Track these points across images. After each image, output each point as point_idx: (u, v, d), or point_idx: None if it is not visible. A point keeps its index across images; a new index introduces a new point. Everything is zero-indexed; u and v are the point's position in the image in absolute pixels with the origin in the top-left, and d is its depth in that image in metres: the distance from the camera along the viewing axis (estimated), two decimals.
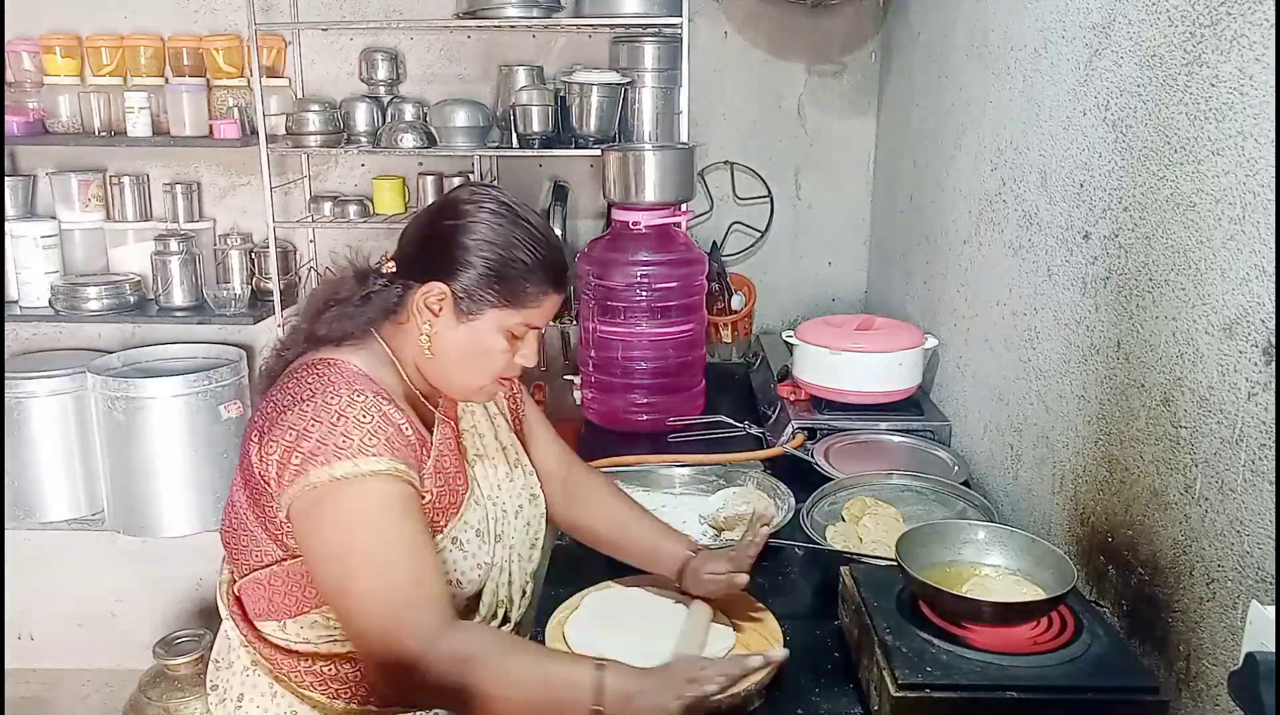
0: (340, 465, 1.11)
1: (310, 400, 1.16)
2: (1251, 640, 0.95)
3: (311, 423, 1.14)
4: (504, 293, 1.24)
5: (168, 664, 2.51)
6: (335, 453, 1.12)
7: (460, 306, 1.24)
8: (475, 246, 1.23)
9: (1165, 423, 1.17)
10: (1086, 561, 1.36)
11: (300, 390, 1.19)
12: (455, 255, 1.23)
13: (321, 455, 1.12)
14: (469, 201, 1.26)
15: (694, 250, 2.21)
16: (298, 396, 1.18)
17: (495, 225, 1.24)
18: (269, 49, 2.72)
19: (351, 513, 1.12)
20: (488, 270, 1.23)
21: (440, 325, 1.25)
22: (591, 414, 2.24)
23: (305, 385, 1.19)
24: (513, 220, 1.25)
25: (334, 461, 1.11)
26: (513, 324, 1.26)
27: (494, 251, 1.23)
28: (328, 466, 1.11)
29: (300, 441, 1.13)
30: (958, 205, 1.96)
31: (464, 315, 1.24)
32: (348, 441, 1.13)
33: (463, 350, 1.26)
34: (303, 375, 1.21)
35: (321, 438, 1.13)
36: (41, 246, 2.69)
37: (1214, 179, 1.07)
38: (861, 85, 2.73)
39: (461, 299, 1.24)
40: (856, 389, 1.95)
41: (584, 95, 2.49)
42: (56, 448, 2.74)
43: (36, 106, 2.67)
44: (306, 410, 1.15)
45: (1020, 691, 1.06)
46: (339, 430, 1.13)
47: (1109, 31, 1.32)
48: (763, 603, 1.37)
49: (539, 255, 1.25)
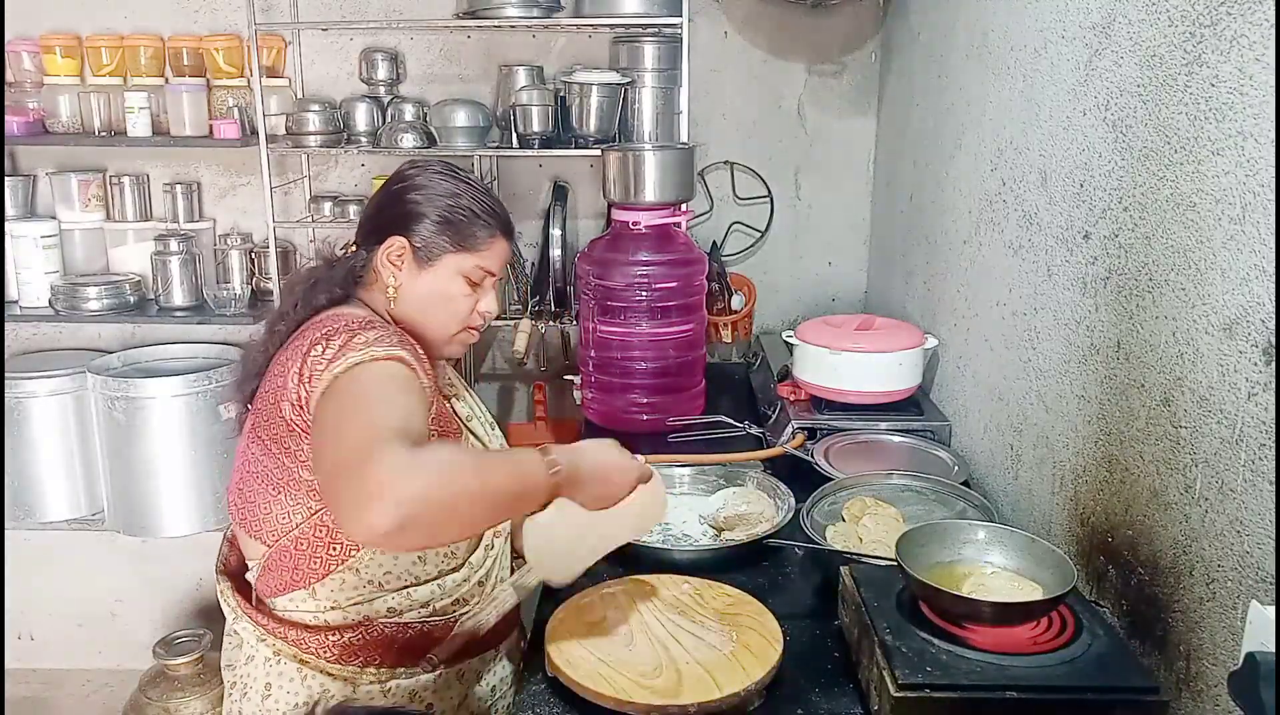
0: (358, 353, 1.20)
1: (334, 332, 1.25)
2: (1251, 640, 0.95)
3: (338, 337, 1.24)
4: (457, 238, 1.39)
5: (168, 664, 2.51)
6: (354, 347, 1.21)
7: (419, 256, 1.38)
8: (425, 199, 1.39)
9: (1165, 423, 1.17)
10: (1086, 561, 1.36)
11: (319, 330, 1.27)
12: (408, 210, 1.38)
13: (343, 354, 1.21)
14: (413, 167, 1.44)
15: (694, 250, 2.21)
16: (319, 335, 1.26)
17: (440, 182, 1.41)
18: (269, 49, 2.72)
19: (361, 383, 1.19)
20: (440, 218, 1.38)
21: (404, 276, 1.39)
22: (591, 414, 2.24)
23: (324, 326, 1.28)
24: (455, 177, 1.42)
25: (352, 353, 1.20)
26: (469, 268, 1.40)
27: (443, 202, 1.39)
28: (346, 358, 1.20)
29: (326, 352, 1.22)
30: (958, 205, 1.96)
31: (424, 263, 1.39)
32: (365, 340, 1.23)
33: (427, 297, 1.39)
34: (317, 324, 1.30)
35: (346, 344, 1.22)
36: (41, 246, 2.70)
37: (1214, 179, 1.07)
38: (861, 85, 2.73)
39: (419, 249, 1.38)
40: (856, 389, 1.95)
41: (584, 95, 2.49)
42: (56, 448, 2.74)
43: (36, 106, 2.67)
44: (333, 336, 1.25)
45: (1020, 691, 1.06)
46: (362, 335, 1.23)
47: (1109, 31, 1.32)
48: (763, 603, 1.36)
49: (484, 203, 1.42)
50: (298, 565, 1.30)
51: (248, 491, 1.33)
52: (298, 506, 1.29)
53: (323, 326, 1.29)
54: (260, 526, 1.32)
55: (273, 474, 1.29)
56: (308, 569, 1.30)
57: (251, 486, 1.32)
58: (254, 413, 1.33)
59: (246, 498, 1.33)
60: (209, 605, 3.12)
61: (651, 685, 1.18)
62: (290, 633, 1.30)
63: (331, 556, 1.29)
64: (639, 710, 1.15)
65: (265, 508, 1.31)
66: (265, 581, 1.33)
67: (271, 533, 1.31)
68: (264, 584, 1.34)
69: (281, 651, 1.30)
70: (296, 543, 1.29)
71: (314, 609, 1.31)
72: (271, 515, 1.30)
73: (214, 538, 2.83)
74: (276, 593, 1.32)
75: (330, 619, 1.31)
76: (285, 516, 1.30)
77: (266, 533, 1.31)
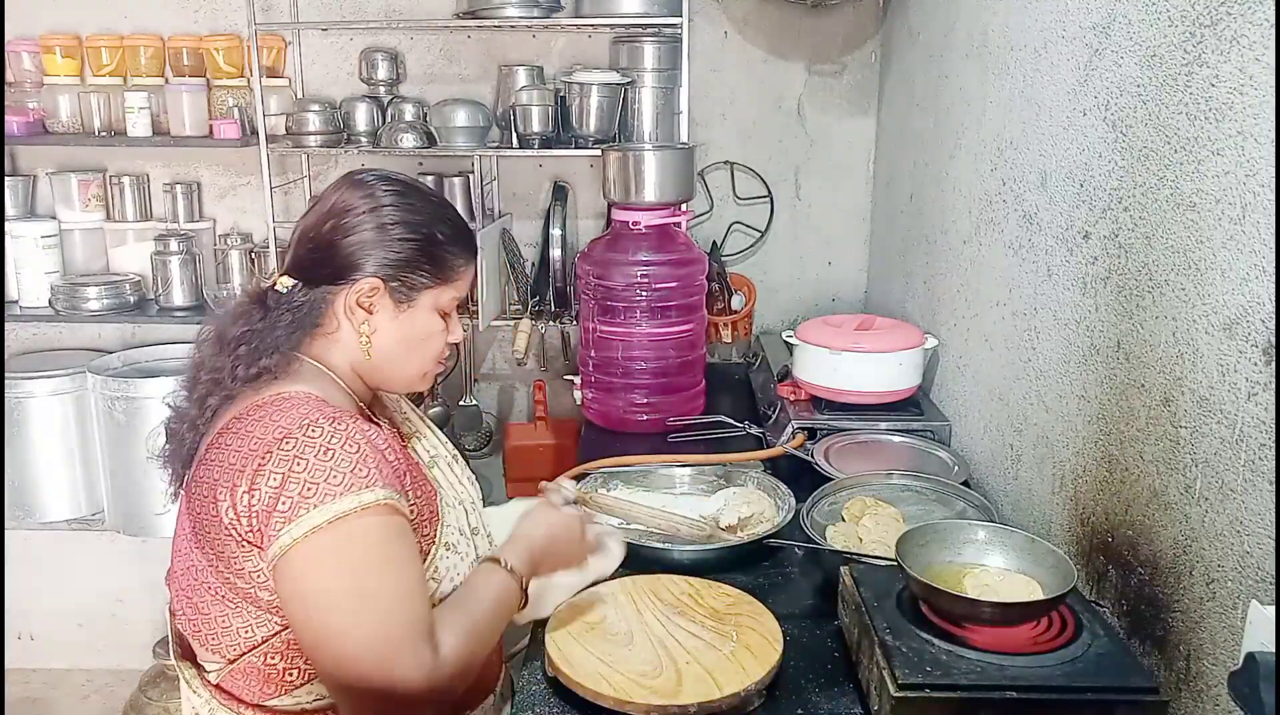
0: (341, 502, 1.05)
1: (288, 439, 1.08)
2: (1251, 640, 0.95)
3: (296, 462, 1.06)
4: (434, 270, 1.22)
5: (168, 664, 2.52)
6: (331, 491, 1.05)
7: (395, 296, 1.20)
8: (395, 230, 1.19)
9: (1165, 423, 1.17)
10: (1086, 561, 1.36)
11: (270, 432, 1.09)
12: (374, 243, 1.18)
13: (316, 496, 1.05)
14: (363, 189, 1.21)
15: (694, 250, 2.21)
16: (270, 439, 1.08)
17: (405, 206, 1.21)
18: (269, 49, 2.72)
19: (354, 553, 1.06)
20: (416, 252, 1.20)
21: (378, 321, 1.21)
22: (591, 414, 2.24)
23: (274, 425, 1.10)
24: (417, 197, 1.23)
25: (331, 500, 1.05)
26: (445, 301, 1.25)
27: (416, 231, 1.20)
28: (325, 506, 1.05)
29: (287, 485, 1.05)
30: (958, 205, 1.96)
31: (401, 304, 1.21)
32: (340, 476, 1.06)
33: (405, 340, 1.23)
34: (264, 417, 1.12)
35: (312, 477, 1.06)
36: (41, 246, 2.70)
37: (1214, 179, 1.07)
38: (861, 85, 2.73)
39: (395, 288, 1.20)
40: (856, 389, 1.95)
41: (584, 95, 2.49)
42: (56, 448, 2.74)
43: (36, 106, 2.67)
44: (289, 449, 1.07)
45: (1020, 691, 1.06)
46: (329, 465, 1.06)
47: (1109, 31, 1.32)
48: (763, 603, 1.36)
49: (453, 224, 1.25)
50: (269, 677, 1.16)
51: (199, 604, 1.16)
52: (259, 622, 1.14)
53: (267, 421, 1.11)
54: (218, 641, 1.16)
55: (222, 589, 1.13)
56: (280, 683, 1.16)
57: (203, 598, 1.15)
58: (190, 511, 1.17)
59: (199, 610, 1.16)
60: None
61: (651, 685, 1.18)
62: None
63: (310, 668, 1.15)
64: (639, 710, 1.15)
65: (223, 622, 1.14)
66: (233, 684, 1.18)
67: (232, 647, 1.15)
68: (231, 686, 1.18)
69: None
70: (265, 657, 1.15)
71: (292, 704, 1.18)
72: (231, 629, 1.14)
73: None
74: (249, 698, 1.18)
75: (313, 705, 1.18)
76: (247, 630, 1.14)
77: (226, 647, 1.16)
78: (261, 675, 1.16)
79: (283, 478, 1.06)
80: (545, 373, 2.84)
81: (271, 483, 1.06)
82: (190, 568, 1.17)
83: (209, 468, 1.13)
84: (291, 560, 1.05)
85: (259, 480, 1.07)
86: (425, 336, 1.25)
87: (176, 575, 1.22)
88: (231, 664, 1.17)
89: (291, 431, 1.08)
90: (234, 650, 1.16)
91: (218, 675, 1.19)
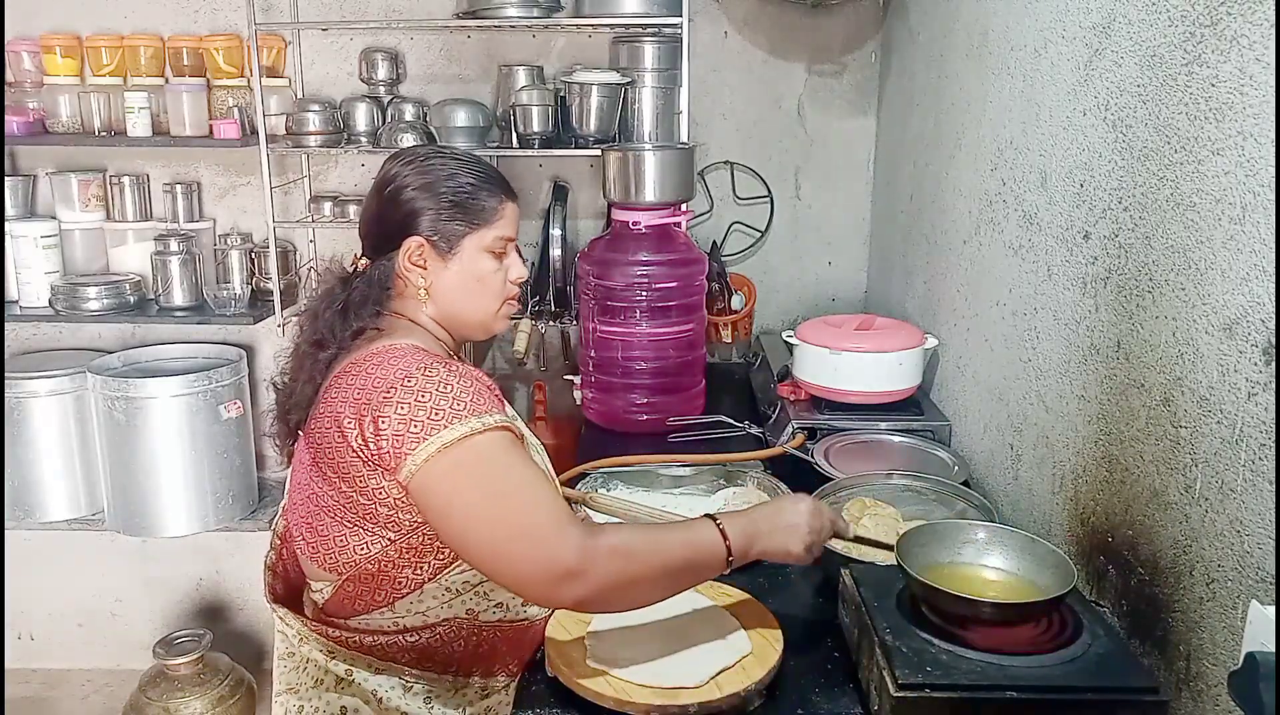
0: (467, 422, 1.19)
1: (409, 378, 1.23)
2: (1251, 640, 0.95)
3: (421, 395, 1.21)
4: (468, 217, 1.37)
5: (168, 664, 2.52)
6: (456, 414, 1.20)
7: (439, 248, 1.36)
8: (424, 190, 1.36)
9: (1165, 423, 1.17)
10: (1086, 561, 1.36)
11: (391, 372, 1.24)
12: (412, 208, 1.35)
13: (443, 419, 1.19)
14: (397, 163, 1.39)
15: (694, 250, 2.21)
16: (393, 377, 1.23)
17: (428, 169, 1.37)
18: (269, 49, 2.72)
19: (492, 460, 1.20)
20: (445, 204, 1.36)
21: (432, 274, 1.37)
22: (591, 414, 2.24)
23: (394, 367, 1.25)
24: (442, 155, 1.40)
25: (458, 422, 1.19)
26: (490, 242, 1.39)
27: (440, 186, 1.36)
28: (453, 427, 1.19)
29: (416, 412, 1.20)
30: (958, 205, 1.96)
31: (446, 253, 1.37)
32: (463, 404, 1.21)
33: (461, 285, 1.38)
34: (382, 362, 1.27)
35: (437, 405, 1.20)
36: (41, 246, 2.69)
37: (1214, 179, 1.07)
38: (861, 85, 2.73)
39: (437, 241, 1.36)
40: (856, 389, 1.95)
41: (584, 95, 2.49)
42: (56, 448, 2.74)
43: (36, 106, 2.67)
44: (412, 386, 1.22)
45: (1020, 691, 1.06)
46: (451, 395, 1.21)
47: (1109, 31, 1.32)
48: (763, 603, 1.36)
49: (481, 173, 1.40)
50: (379, 587, 1.29)
51: (319, 526, 1.31)
52: (375, 537, 1.27)
53: (386, 364, 1.26)
54: (336, 559, 1.30)
55: (344, 509, 1.27)
56: (390, 589, 1.29)
57: (323, 521, 1.30)
58: (311, 446, 1.30)
59: (318, 532, 1.31)
60: (209, 605, 3.12)
61: (651, 685, 1.18)
62: (365, 639, 1.30)
63: (416, 577, 1.29)
64: (639, 710, 1.15)
65: (340, 541, 1.29)
66: (338, 603, 1.33)
67: (348, 563, 1.30)
68: (336, 605, 1.33)
69: (355, 663, 1.30)
70: (379, 566, 1.28)
71: (391, 619, 1.31)
72: (348, 547, 1.29)
73: (214, 538, 2.89)
74: (352, 614, 1.32)
75: (409, 623, 1.31)
76: (363, 547, 1.28)
77: (343, 564, 1.30)
78: (372, 584, 1.29)
79: (410, 407, 1.21)
80: (545, 372, 2.84)
81: (400, 411, 1.20)
82: (311, 496, 1.32)
83: (331, 404, 1.27)
84: (430, 473, 1.19)
85: (386, 409, 1.21)
86: (479, 277, 1.39)
87: (296, 506, 1.37)
88: (344, 579, 1.30)
89: (411, 372, 1.24)
90: (350, 566, 1.29)
91: (325, 594, 1.33)
